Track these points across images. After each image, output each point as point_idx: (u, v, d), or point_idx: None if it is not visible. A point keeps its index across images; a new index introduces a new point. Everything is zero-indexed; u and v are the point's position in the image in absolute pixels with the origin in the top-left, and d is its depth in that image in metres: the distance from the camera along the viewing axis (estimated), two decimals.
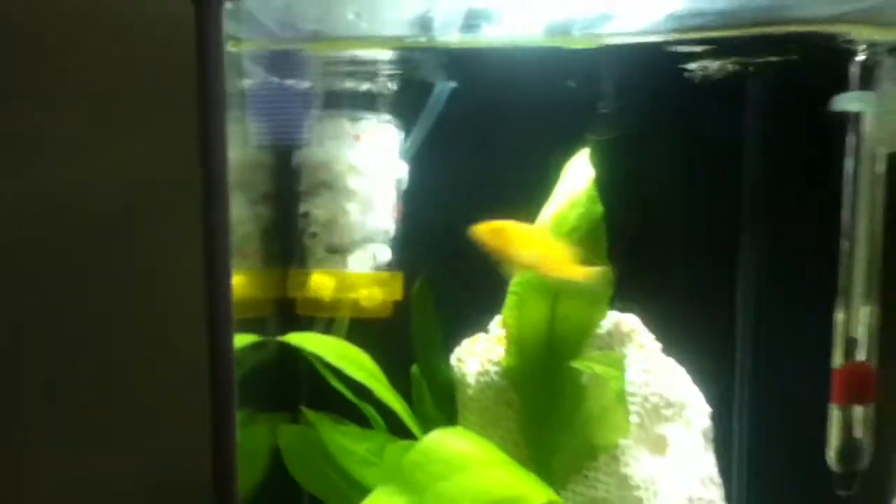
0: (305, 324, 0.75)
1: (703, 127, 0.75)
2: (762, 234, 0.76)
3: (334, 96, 0.73)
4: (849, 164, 0.64)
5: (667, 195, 0.76)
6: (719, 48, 0.68)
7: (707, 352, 0.72)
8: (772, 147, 0.74)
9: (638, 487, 0.70)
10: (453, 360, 0.75)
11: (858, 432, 0.63)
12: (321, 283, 0.74)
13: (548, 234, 0.67)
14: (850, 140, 0.65)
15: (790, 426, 0.72)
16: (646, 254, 0.74)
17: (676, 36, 0.65)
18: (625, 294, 0.69)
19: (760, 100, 0.73)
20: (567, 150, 0.68)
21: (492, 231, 0.64)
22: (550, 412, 0.69)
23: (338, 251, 0.74)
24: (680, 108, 0.74)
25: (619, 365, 0.67)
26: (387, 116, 0.76)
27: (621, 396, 0.67)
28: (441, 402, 0.72)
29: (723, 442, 0.73)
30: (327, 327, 0.75)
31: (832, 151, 0.66)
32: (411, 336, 0.76)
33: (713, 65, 0.70)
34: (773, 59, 0.69)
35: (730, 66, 0.70)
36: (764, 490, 0.76)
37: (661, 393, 0.71)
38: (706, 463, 0.70)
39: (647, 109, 0.73)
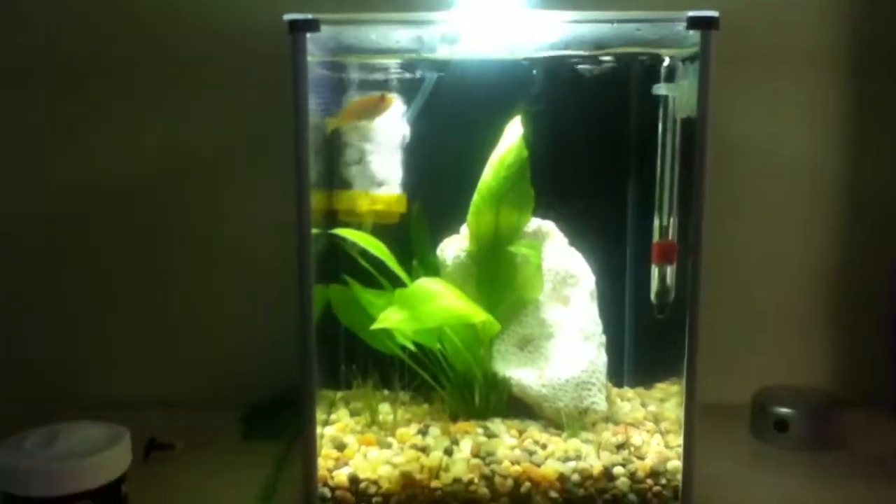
0: (344, 226, 1.00)
1: (592, 102, 1.04)
2: (632, 168, 1.06)
3: (363, 82, 1.04)
4: (661, 125, 0.98)
5: (572, 143, 1.05)
6: (597, 58, 1.00)
7: (598, 242, 1.05)
8: (631, 114, 1.04)
9: (551, 326, 1.01)
10: (438, 251, 1.04)
11: (668, 281, 0.98)
12: (354, 199, 1.02)
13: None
14: (662, 109, 0.98)
15: (643, 280, 1.02)
16: (559, 182, 1.02)
17: (571, 51, 0.98)
18: (545, 207, 1.00)
19: (623, 86, 1.03)
20: (507, 118, 0.96)
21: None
22: (496, 279, 0.99)
23: (364, 179, 1.02)
24: (578, 91, 1.03)
25: (537, 248, 0.99)
26: (395, 94, 1.02)
27: (539, 268, 0.99)
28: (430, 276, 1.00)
29: (613, 293, 1.06)
30: (358, 228, 1.00)
31: (657, 117, 0.99)
32: (410, 236, 1.06)
33: (596, 67, 1.01)
34: (626, 64, 1.00)
35: (604, 68, 1.01)
36: (631, 315, 1.08)
37: (567, 269, 1.02)
38: (591, 311, 1.02)
39: (557, 92, 1.03)
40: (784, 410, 1.16)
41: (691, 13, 0.81)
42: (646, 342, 1.07)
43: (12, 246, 1.30)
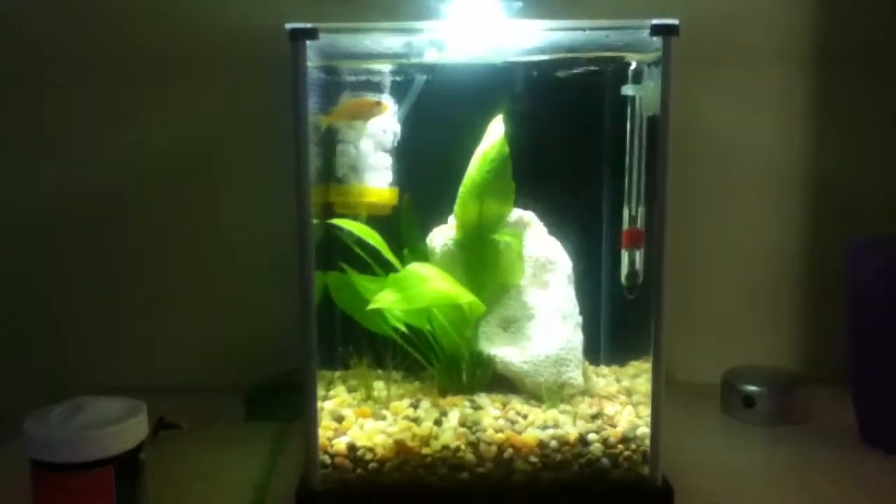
0: (340, 217, 1.05)
1: (567, 102, 1.11)
2: (604, 162, 1.12)
3: (356, 83, 1.10)
4: (628, 122, 1.05)
5: (550, 139, 1.11)
6: (571, 62, 1.07)
7: (574, 230, 1.12)
8: (602, 113, 1.11)
9: (532, 308, 1.07)
10: (427, 239, 1.10)
11: (636, 264, 1.06)
12: (349, 191, 1.08)
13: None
14: (630, 108, 1.05)
15: (613, 263, 1.10)
16: (538, 175, 1.08)
17: (548, 56, 1.05)
18: (526, 198, 1.07)
19: (595, 87, 1.09)
20: (490, 116, 1.01)
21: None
22: (481, 265, 1.06)
23: (358, 173, 1.09)
24: (553, 92, 1.10)
25: (519, 237, 1.06)
26: (386, 95, 1.09)
27: (520, 255, 1.06)
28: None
29: (588, 277, 1.12)
30: (353, 219, 1.05)
31: (626, 115, 1.06)
32: (401, 226, 1.13)
33: (569, 70, 1.08)
34: (597, 67, 1.08)
35: (578, 71, 1.08)
36: (606, 298, 1.14)
37: (546, 256, 1.09)
38: (568, 293, 1.09)
39: (535, 93, 1.09)
40: (751, 388, 1.24)
41: (654, 21, 0.89)
42: (621, 323, 1.14)
43: (19, 240, 1.38)
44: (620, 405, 1.04)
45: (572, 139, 1.15)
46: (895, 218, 1.35)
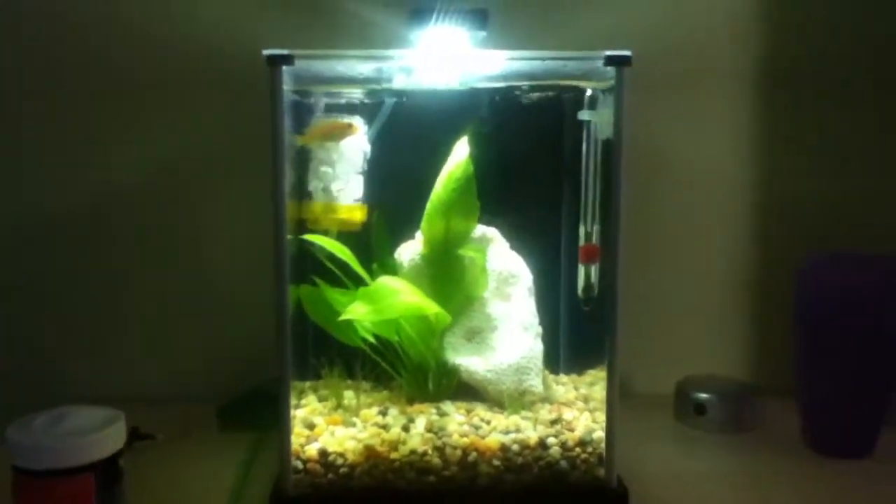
0: (312, 233, 1.08)
1: (528, 125, 1.16)
2: (563, 182, 1.17)
3: (329, 105, 1.14)
4: (585, 145, 1.12)
5: (512, 160, 1.15)
6: (532, 88, 1.13)
7: (535, 246, 1.16)
8: (561, 136, 1.16)
9: (495, 319, 1.12)
10: (396, 254, 1.14)
11: (592, 278, 1.12)
12: (320, 208, 1.11)
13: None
14: (586, 132, 1.12)
15: (571, 277, 1.15)
16: (501, 194, 1.11)
17: (510, 83, 1.11)
18: (489, 215, 1.12)
19: (554, 112, 1.15)
20: (455, 138, 1.05)
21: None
22: (447, 279, 1.10)
23: (330, 191, 1.12)
24: (515, 116, 1.15)
25: (482, 251, 1.11)
26: (357, 116, 1.12)
27: (484, 269, 1.11)
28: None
29: (548, 290, 1.17)
30: (325, 235, 1.08)
31: (582, 139, 1.12)
32: (371, 242, 1.16)
33: (532, 95, 1.14)
34: (557, 93, 1.13)
35: (539, 96, 1.14)
36: (565, 310, 1.18)
37: (508, 270, 1.14)
38: (529, 305, 1.13)
39: (498, 116, 1.14)
40: (702, 396, 1.30)
41: (608, 52, 0.95)
42: (579, 333, 1.20)
43: (19, 240, 1.39)
44: (578, 411, 1.09)
45: (533, 160, 1.19)
46: (843, 234, 1.41)
